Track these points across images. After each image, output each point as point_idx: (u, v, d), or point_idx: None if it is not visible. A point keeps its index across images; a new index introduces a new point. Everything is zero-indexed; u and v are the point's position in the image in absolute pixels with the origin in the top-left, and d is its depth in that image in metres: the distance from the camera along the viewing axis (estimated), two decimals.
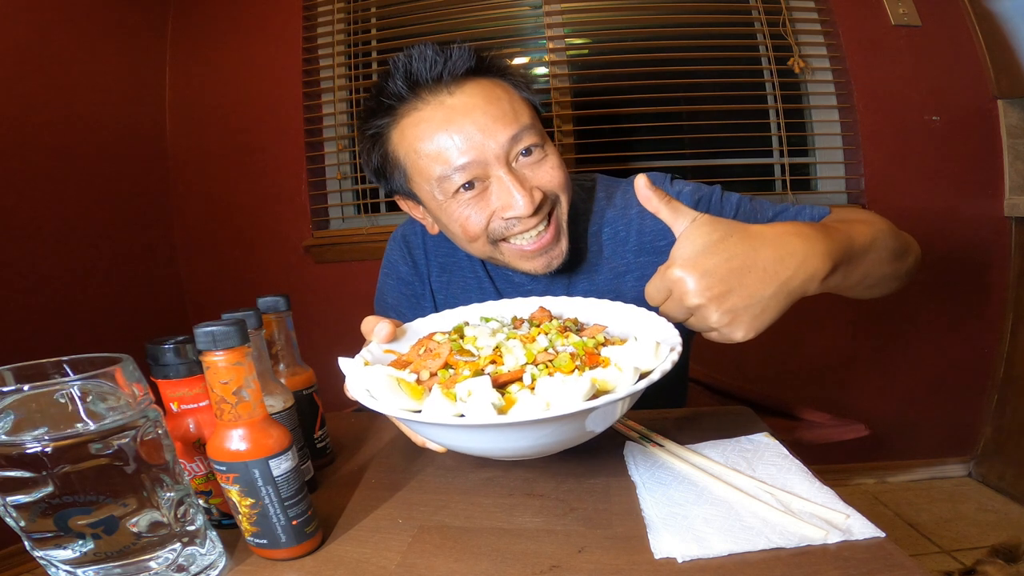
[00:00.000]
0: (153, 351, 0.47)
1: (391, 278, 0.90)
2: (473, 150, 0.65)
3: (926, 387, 1.79)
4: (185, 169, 1.94)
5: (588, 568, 0.44)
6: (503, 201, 0.67)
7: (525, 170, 0.68)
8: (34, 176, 1.54)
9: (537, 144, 0.69)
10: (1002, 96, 1.66)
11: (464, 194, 0.68)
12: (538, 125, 0.71)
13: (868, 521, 0.46)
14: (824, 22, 1.74)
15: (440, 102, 0.67)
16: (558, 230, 0.71)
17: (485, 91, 0.67)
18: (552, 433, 0.44)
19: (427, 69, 0.66)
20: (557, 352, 0.49)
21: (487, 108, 0.66)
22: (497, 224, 0.69)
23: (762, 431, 0.66)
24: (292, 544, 0.47)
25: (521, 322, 0.58)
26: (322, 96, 1.90)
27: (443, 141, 0.65)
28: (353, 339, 0.64)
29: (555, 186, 0.70)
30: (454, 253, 0.85)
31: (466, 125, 0.65)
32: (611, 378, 0.44)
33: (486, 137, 0.65)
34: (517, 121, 0.67)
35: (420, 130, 0.67)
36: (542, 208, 0.69)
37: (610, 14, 1.78)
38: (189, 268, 1.98)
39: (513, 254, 0.71)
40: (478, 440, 0.45)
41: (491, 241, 0.71)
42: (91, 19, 1.72)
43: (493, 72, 0.70)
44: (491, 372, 0.47)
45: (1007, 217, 1.70)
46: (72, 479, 0.38)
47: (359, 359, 0.53)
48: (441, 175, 0.67)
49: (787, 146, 1.74)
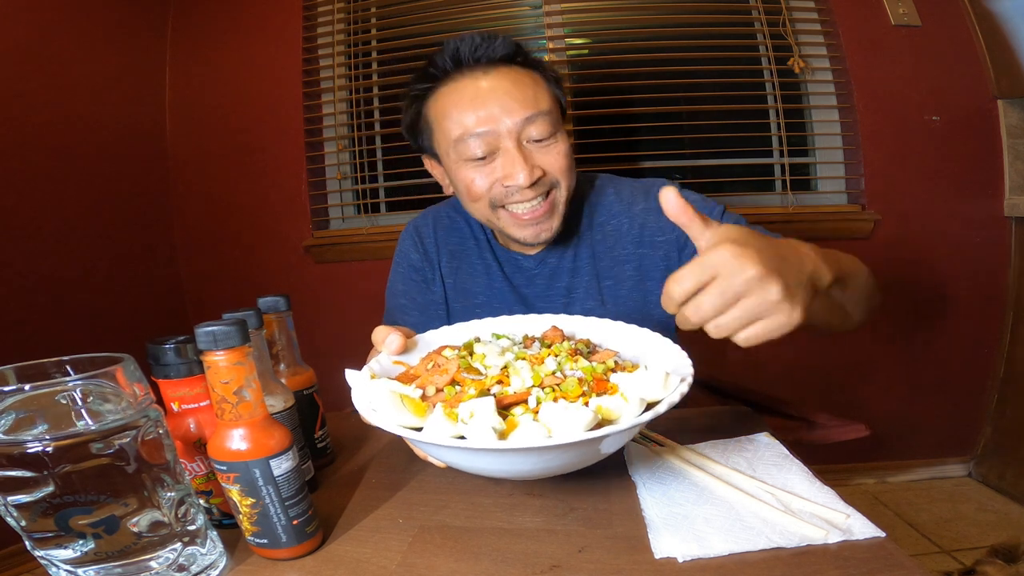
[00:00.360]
0: (154, 351, 0.47)
1: (401, 267, 0.96)
2: (490, 122, 0.74)
3: (926, 387, 1.79)
4: (185, 169, 1.94)
5: (588, 568, 0.44)
6: (506, 171, 0.75)
7: (533, 150, 0.76)
8: (34, 176, 1.54)
9: (549, 131, 0.76)
10: (1002, 96, 1.66)
11: (475, 160, 0.76)
12: (555, 116, 0.79)
13: (868, 521, 0.46)
14: (824, 22, 1.74)
15: (474, 79, 0.76)
16: (552, 208, 0.79)
17: (514, 77, 0.76)
18: (551, 459, 0.43)
19: (470, 51, 0.76)
20: (565, 376, 0.48)
21: (511, 90, 0.75)
22: (498, 190, 0.77)
23: (762, 431, 0.66)
24: (293, 544, 0.47)
25: (532, 341, 0.58)
26: (322, 96, 1.90)
27: (467, 110, 0.75)
28: (353, 339, 0.64)
29: (556, 170, 0.77)
30: (463, 242, 0.92)
31: (490, 101, 0.74)
32: (616, 407, 0.44)
33: (503, 114, 0.74)
34: (535, 106, 0.75)
35: (451, 99, 0.76)
36: (539, 184, 0.76)
37: (610, 14, 1.78)
38: (189, 268, 1.98)
39: (508, 220, 0.79)
40: (477, 462, 0.45)
41: (491, 206, 0.79)
42: (91, 19, 1.72)
43: (528, 63, 0.79)
44: (497, 392, 0.47)
45: (1007, 217, 1.70)
46: (73, 479, 0.38)
47: (366, 371, 0.52)
48: (458, 137, 0.76)
49: (787, 146, 1.74)
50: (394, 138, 1.90)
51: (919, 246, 1.72)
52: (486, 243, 0.91)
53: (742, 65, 1.77)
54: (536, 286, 0.88)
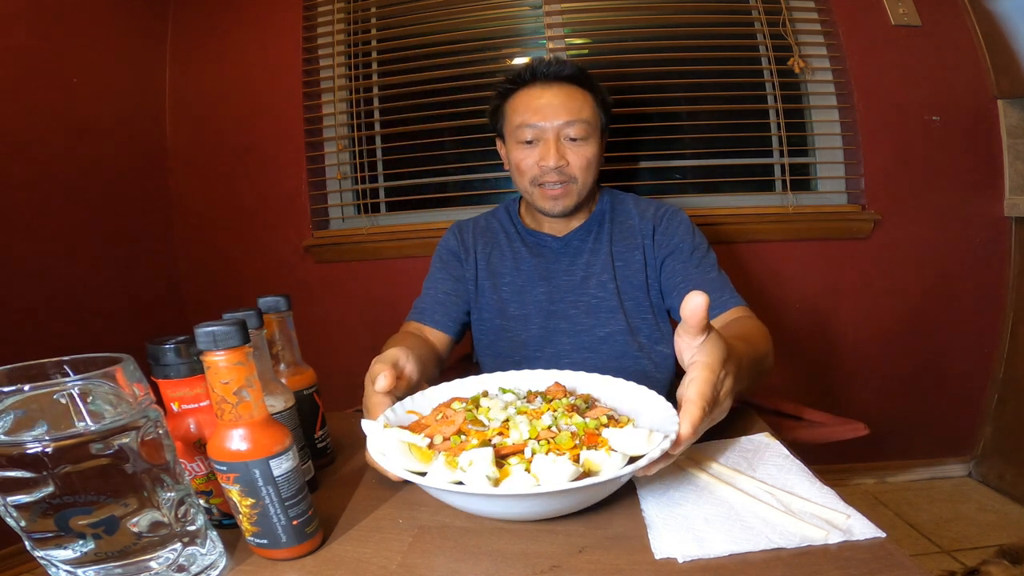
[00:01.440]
0: (154, 351, 0.47)
1: (440, 251, 1.16)
2: (541, 120, 1.00)
3: (926, 387, 1.79)
4: (185, 169, 1.94)
5: (588, 568, 0.44)
6: (542, 154, 1.01)
7: (567, 146, 1.01)
8: (34, 176, 1.54)
9: (582, 136, 1.01)
10: (1002, 96, 1.66)
11: (525, 143, 1.02)
12: (592, 125, 1.02)
13: (868, 521, 0.46)
14: (824, 22, 1.73)
15: (541, 88, 1.02)
16: (567, 192, 1.03)
17: (568, 92, 1.01)
18: (537, 505, 0.48)
19: (544, 69, 1.02)
20: (560, 430, 0.53)
21: (563, 101, 1.00)
22: (535, 171, 1.02)
23: (762, 431, 0.66)
24: (292, 544, 0.47)
25: (535, 396, 0.63)
26: (322, 96, 1.89)
27: (529, 109, 1.01)
28: (353, 339, 0.65)
29: (576, 165, 1.01)
30: (495, 236, 1.14)
31: (544, 106, 1.00)
32: (600, 461, 0.48)
33: (552, 116, 1.00)
34: (577, 114, 1.00)
35: (522, 99, 1.03)
36: (563, 172, 1.01)
37: (610, 14, 1.78)
38: (189, 268, 1.98)
39: (539, 194, 1.04)
40: (471, 504, 0.50)
41: (531, 182, 1.03)
42: (91, 19, 1.71)
43: (584, 83, 1.03)
44: (496, 443, 0.52)
45: (1007, 217, 1.70)
46: (73, 479, 0.38)
47: (380, 420, 0.57)
48: (518, 125, 1.02)
49: (787, 146, 1.74)
50: (394, 138, 1.90)
51: (919, 246, 1.72)
52: (516, 234, 1.13)
53: (742, 65, 1.76)
54: (561, 261, 1.09)
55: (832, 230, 1.71)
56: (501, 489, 0.45)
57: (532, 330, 1.06)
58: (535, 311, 1.06)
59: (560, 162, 0.99)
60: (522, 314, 1.07)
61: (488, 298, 1.09)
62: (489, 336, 1.09)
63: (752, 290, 1.73)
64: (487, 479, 0.46)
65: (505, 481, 0.47)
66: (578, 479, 0.46)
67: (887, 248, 1.72)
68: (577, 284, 1.06)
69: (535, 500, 0.46)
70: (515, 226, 1.15)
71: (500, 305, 1.08)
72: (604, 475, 0.45)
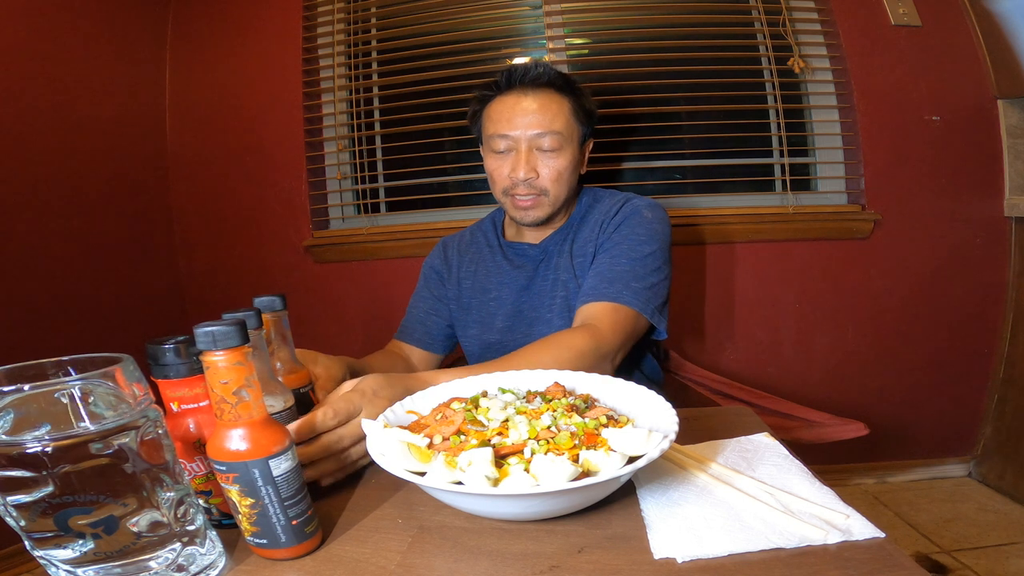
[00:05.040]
0: (153, 351, 0.47)
1: (424, 274, 1.20)
2: (514, 130, 0.99)
3: (926, 387, 1.79)
4: (185, 169, 1.94)
5: (588, 568, 0.44)
6: (513, 165, 1.00)
7: (539, 156, 1.00)
8: (34, 176, 1.54)
9: (555, 147, 0.99)
10: (1002, 96, 1.66)
11: (498, 152, 1.02)
12: (566, 135, 0.99)
13: (868, 521, 0.46)
14: (824, 22, 1.73)
15: (517, 96, 1.00)
16: (536, 204, 1.03)
17: (544, 100, 0.99)
18: (536, 505, 0.48)
19: (521, 74, 1.00)
20: (559, 430, 0.52)
21: (537, 111, 0.98)
22: (507, 181, 1.02)
23: (762, 431, 0.66)
24: (292, 544, 0.47)
25: (535, 396, 0.62)
26: (322, 96, 1.89)
27: (503, 118, 1.00)
28: (352, 339, 0.65)
29: (546, 177, 1.00)
30: (480, 250, 1.16)
31: (518, 115, 0.99)
32: (599, 461, 0.48)
33: (524, 126, 0.98)
34: (549, 125, 0.98)
35: (497, 107, 1.02)
36: (532, 184, 1.00)
37: (610, 14, 1.78)
38: (189, 268, 1.98)
39: (511, 204, 1.04)
40: (472, 505, 0.50)
41: (503, 192, 1.03)
42: (91, 19, 1.72)
43: (563, 89, 1.01)
44: (496, 443, 0.52)
45: (1007, 217, 1.70)
46: (72, 479, 0.38)
47: (380, 420, 0.57)
48: (492, 134, 1.01)
49: (787, 146, 1.74)
50: (394, 138, 1.90)
51: (919, 246, 1.72)
52: (498, 247, 1.14)
53: (742, 65, 1.76)
54: (539, 269, 1.09)
55: (832, 230, 1.71)
56: (500, 489, 0.46)
57: (517, 339, 1.06)
58: (518, 321, 1.08)
59: (530, 174, 0.98)
60: (507, 325, 1.08)
61: (476, 315, 1.12)
62: (479, 349, 1.12)
63: (752, 290, 1.73)
64: (486, 479, 0.46)
65: (504, 481, 0.47)
66: (577, 479, 0.46)
67: (887, 248, 1.72)
68: (549, 288, 1.06)
69: (534, 500, 0.46)
70: (498, 239, 1.15)
71: (488, 319, 1.10)
72: (603, 475, 0.45)
